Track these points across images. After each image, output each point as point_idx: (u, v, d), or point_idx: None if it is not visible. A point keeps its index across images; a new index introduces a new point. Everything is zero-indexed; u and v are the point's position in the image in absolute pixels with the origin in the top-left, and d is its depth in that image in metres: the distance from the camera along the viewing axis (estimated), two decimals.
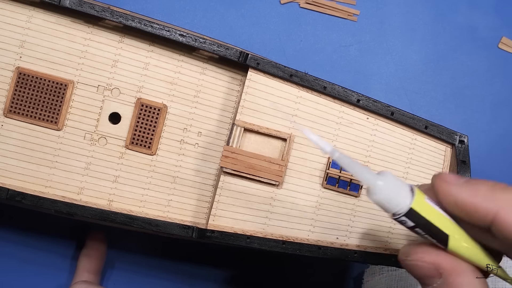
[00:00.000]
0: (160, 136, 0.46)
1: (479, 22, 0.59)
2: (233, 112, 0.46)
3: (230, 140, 0.44)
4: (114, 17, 0.44)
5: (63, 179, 0.45)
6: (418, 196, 0.33)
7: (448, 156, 0.45)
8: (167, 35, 0.44)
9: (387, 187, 0.33)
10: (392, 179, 0.33)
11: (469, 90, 0.58)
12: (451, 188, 0.33)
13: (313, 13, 0.57)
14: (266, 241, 0.43)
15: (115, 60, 0.46)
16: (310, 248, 0.43)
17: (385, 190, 0.33)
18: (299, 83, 0.44)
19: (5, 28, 0.45)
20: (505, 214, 0.31)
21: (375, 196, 0.33)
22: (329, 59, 0.57)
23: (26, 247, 0.55)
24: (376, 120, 0.45)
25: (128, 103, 0.46)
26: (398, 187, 0.33)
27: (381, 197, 0.33)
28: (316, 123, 0.45)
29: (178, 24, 0.53)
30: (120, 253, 0.56)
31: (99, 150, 0.45)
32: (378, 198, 0.33)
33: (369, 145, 0.45)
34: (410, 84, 0.58)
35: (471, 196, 0.32)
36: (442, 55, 0.58)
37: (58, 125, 0.45)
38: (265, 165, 0.44)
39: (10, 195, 0.43)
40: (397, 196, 0.33)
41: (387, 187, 0.33)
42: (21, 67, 0.45)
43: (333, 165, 0.44)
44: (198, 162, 0.46)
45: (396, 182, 0.33)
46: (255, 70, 0.44)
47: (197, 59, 0.46)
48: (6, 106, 0.45)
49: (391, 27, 0.58)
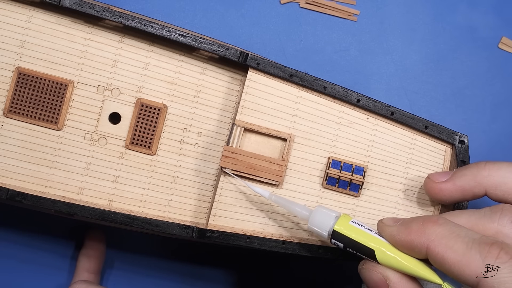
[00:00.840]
0: (160, 136, 0.46)
1: (479, 22, 0.58)
2: (233, 112, 0.46)
3: (230, 140, 0.44)
4: (114, 17, 0.44)
5: (63, 179, 0.45)
6: (342, 220, 0.39)
7: (448, 156, 0.45)
8: (167, 35, 0.44)
9: (316, 216, 0.40)
10: (321, 210, 0.40)
11: (469, 90, 0.58)
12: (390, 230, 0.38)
13: (313, 13, 0.57)
14: (266, 241, 0.43)
15: (115, 60, 0.46)
16: (310, 248, 0.43)
17: (315, 219, 0.40)
18: (299, 83, 0.44)
19: (5, 28, 0.45)
20: (434, 246, 0.35)
21: (308, 225, 0.40)
22: (329, 59, 0.57)
23: (26, 247, 0.55)
24: (376, 120, 0.45)
25: (128, 103, 0.46)
26: (326, 215, 0.40)
27: (312, 224, 0.40)
28: (316, 123, 0.45)
29: (178, 24, 0.53)
30: (120, 253, 0.56)
31: (99, 150, 0.45)
32: (310, 226, 0.40)
33: (369, 145, 0.45)
34: (410, 84, 0.58)
35: (406, 235, 0.37)
36: (442, 55, 0.58)
37: (58, 125, 0.45)
38: (265, 165, 0.44)
39: (10, 195, 0.43)
40: (324, 223, 0.40)
41: (315, 216, 0.40)
42: (21, 67, 0.45)
43: (333, 165, 0.44)
44: (198, 162, 0.46)
45: (324, 212, 0.40)
46: (255, 70, 0.44)
47: (197, 59, 0.46)
48: (6, 106, 0.45)
49: (391, 27, 0.58)
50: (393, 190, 0.45)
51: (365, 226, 0.39)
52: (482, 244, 0.34)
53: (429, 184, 0.43)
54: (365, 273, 0.38)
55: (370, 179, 0.45)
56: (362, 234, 0.39)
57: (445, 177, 0.42)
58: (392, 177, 0.45)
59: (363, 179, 0.44)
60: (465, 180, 0.41)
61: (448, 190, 0.41)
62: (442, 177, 0.42)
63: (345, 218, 0.39)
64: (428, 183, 0.43)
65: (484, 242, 0.34)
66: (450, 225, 0.36)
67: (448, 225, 0.36)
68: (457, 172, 0.42)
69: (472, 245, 0.34)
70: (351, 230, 0.39)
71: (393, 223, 0.38)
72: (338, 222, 0.39)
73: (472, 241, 0.35)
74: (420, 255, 0.36)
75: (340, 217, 0.40)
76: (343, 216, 0.40)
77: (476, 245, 0.34)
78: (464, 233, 0.35)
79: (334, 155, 0.44)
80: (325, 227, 0.40)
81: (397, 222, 0.38)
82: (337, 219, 0.39)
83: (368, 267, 0.38)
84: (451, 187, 0.41)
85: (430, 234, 0.36)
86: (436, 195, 0.42)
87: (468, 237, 0.35)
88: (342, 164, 0.44)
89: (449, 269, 0.35)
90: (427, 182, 0.43)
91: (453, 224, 0.36)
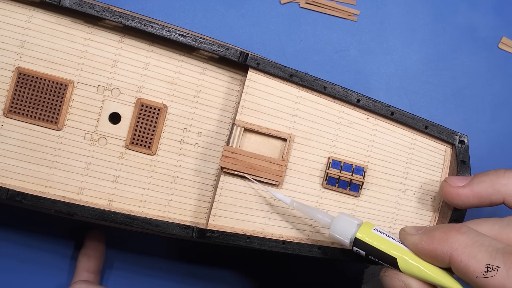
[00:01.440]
0: (160, 136, 0.46)
1: (479, 22, 0.58)
2: (233, 112, 0.46)
3: (230, 140, 0.44)
4: (114, 17, 0.44)
5: (63, 179, 0.45)
6: (364, 227, 0.39)
7: (448, 156, 0.45)
8: (167, 35, 0.44)
9: (338, 224, 0.40)
10: (343, 217, 0.40)
11: (469, 90, 0.58)
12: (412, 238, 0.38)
13: (313, 13, 0.57)
14: (266, 241, 0.43)
15: (115, 60, 0.46)
16: (310, 248, 0.43)
17: (336, 226, 0.40)
18: (299, 83, 0.44)
19: (5, 28, 0.45)
20: (457, 255, 0.35)
21: (330, 232, 0.40)
22: (329, 59, 0.57)
23: (26, 247, 0.55)
24: (376, 120, 0.45)
25: (128, 103, 0.46)
26: (348, 222, 0.40)
27: (334, 232, 0.40)
28: (316, 123, 0.45)
29: (178, 24, 0.53)
30: (120, 253, 0.56)
31: (99, 150, 0.45)
32: (332, 233, 0.40)
33: (369, 145, 0.45)
34: (410, 84, 0.58)
35: (429, 244, 0.37)
36: (442, 55, 0.58)
37: (58, 125, 0.45)
38: (265, 165, 0.44)
39: (10, 195, 0.43)
40: (346, 230, 0.39)
41: (337, 223, 0.40)
42: (21, 67, 0.45)
43: (333, 165, 0.44)
44: (198, 162, 0.46)
45: (346, 220, 0.40)
46: (255, 70, 0.44)
47: (197, 59, 0.46)
48: (6, 106, 0.45)
49: (391, 27, 0.58)
50: (393, 190, 0.45)
51: (387, 234, 0.39)
52: (506, 254, 0.34)
53: (446, 188, 0.42)
54: (387, 281, 0.38)
55: (370, 179, 0.45)
56: (384, 242, 0.38)
57: (463, 181, 0.41)
58: (392, 177, 0.45)
59: (363, 179, 0.44)
60: (483, 187, 0.40)
61: (465, 196, 0.41)
62: (460, 182, 0.41)
63: (367, 226, 0.39)
64: (445, 187, 0.42)
65: (508, 252, 0.34)
66: (473, 233, 0.36)
67: (471, 233, 0.36)
68: (475, 178, 0.41)
69: (496, 254, 0.34)
70: (373, 237, 0.38)
71: (415, 232, 0.38)
72: (360, 229, 0.39)
73: (496, 250, 0.34)
74: (443, 264, 0.36)
75: (362, 224, 0.39)
76: (365, 223, 0.39)
77: (500, 255, 0.34)
78: (488, 242, 0.35)
79: (334, 155, 0.44)
80: (347, 235, 0.39)
81: (419, 230, 0.38)
82: (359, 227, 0.39)
83: (390, 275, 0.38)
84: (469, 193, 0.41)
85: (453, 243, 0.35)
86: (453, 200, 0.41)
87: (492, 246, 0.34)
88: (342, 164, 0.44)
89: (472, 279, 0.34)
90: (444, 186, 0.42)
91: (476, 232, 0.36)
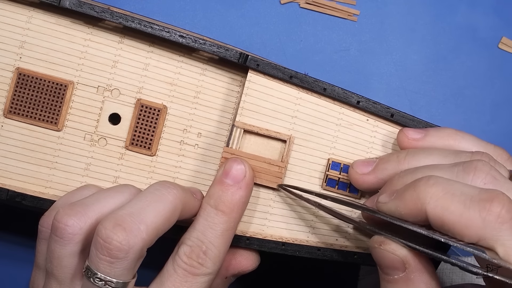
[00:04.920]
0: (160, 137, 0.46)
1: (479, 22, 0.58)
2: (233, 113, 0.46)
3: (230, 141, 0.44)
4: (114, 18, 0.44)
5: (63, 179, 0.45)
6: None
7: None
8: (167, 36, 0.44)
9: None
10: None
11: (469, 90, 0.58)
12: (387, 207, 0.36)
13: (313, 13, 0.57)
14: (265, 242, 0.44)
15: (115, 60, 0.45)
16: (309, 250, 0.44)
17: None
18: (299, 85, 0.44)
19: (5, 28, 0.45)
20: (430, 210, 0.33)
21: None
22: (329, 59, 0.57)
23: (26, 247, 0.55)
24: (376, 121, 0.45)
25: (128, 104, 0.46)
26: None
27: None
28: (316, 125, 0.45)
29: (178, 25, 0.53)
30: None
31: (99, 150, 0.46)
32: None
33: (369, 147, 0.45)
34: (410, 84, 0.58)
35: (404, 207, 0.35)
36: (442, 55, 0.58)
37: (58, 126, 0.45)
38: (265, 167, 0.44)
39: (10, 195, 0.44)
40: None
41: None
42: (21, 67, 0.45)
43: (333, 167, 0.44)
44: (198, 163, 0.46)
45: None
46: (255, 71, 0.44)
47: (197, 60, 0.46)
48: (6, 106, 0.45)
49: (391, 27, 0.58)
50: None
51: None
52: (482, 202, 0.32)
53: (352, 175, 0.42)
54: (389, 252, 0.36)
55: None
56: None
57: (368, 167, 0.41)
58: None
59: None
60: (387, 173, 0.40)
61: (371, 182, 0.41)
62: (365, 168, 0.42)
63: None
64: (351, 174, 0.42)
65: (483, 200, 0.32)
66: (443, 183, 0.34)
67: (440, 184, 0.34)
68: (379, 164, 0.41)
69: (470, 204, 0.32)
70: None
71: (388, 199, 0.36)
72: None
73: (470, 199, 0.32)
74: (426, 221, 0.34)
75: None
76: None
77: (474, 204, 0.32)
78: (459, 190, 0.33)
79: (334, 156, 0.45)
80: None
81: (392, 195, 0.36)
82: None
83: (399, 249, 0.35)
84: (373, 179, 0.41)
85: (425, 198, 0.33)
86: (359, 186, 0.42)
87: (464, 195, 0.33)
88: (341, 166, 0.44)
89: (450, 231, 0.33)
90: (350, 173, 0.42)
91: (445, 181, 0.34)
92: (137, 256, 0.38)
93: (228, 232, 0.40)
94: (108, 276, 0.37)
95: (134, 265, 0.38)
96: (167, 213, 0.39)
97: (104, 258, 0.37)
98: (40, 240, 0.42)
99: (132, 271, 0.38)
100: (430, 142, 0.41)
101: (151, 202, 0.38)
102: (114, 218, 0.37)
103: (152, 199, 0.39)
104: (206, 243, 0.39)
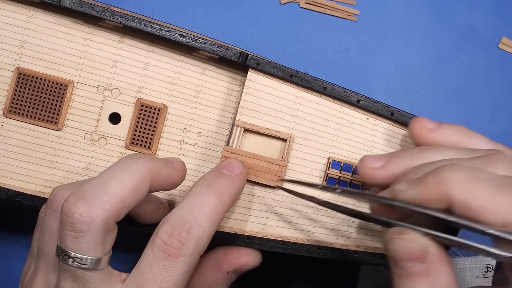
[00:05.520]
0: (160, 136, 0.46)
1: (479, 22, 0.58)
2: (233, 113, 0.46)
3: (230, 140, 0.44)
4: (114, 18, 0.44)
5: (63, 179, 0.45)
6: None
7: None
8: (167, 35, 0.44)
9: None
10: None
11: (469, 90, 0.58)
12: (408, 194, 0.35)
13: (313, 13, 0.57)
14: (266, 241, 0.43)
15: (115, 60, 0.46)
16: (309, 249, 0.44)
17: None
18: (299, 84, 0.44)
19: (5, 28, 0.45)
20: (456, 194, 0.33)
21: None
22: (329, 59, 0.57)
23: (26, 247, 0.55)
24: (376, 120, 0.45)
25: (128, 103, 0.46)
26: None
27: None
28: (316, 124, 0.45)
29: (178, 24, 0.53)
30: (120, 253, 0.56)
31: (99, 150, 0.46)
32: None
33: (369, 146, 0.45)
34: (410, 84, 0.58)
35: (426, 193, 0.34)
36: (442, 55, 0.58)
37: (58, 125, 0.45)
38: (265, 166, 0.44)
39: (10, 195, 0.43)
40: None
41: None
42: (21, 67, 0.45)
43: (333, 166, 0.44)
44: (198, 163, 0.46)
45: None
46: (255, 70, 0.44)
47: (197, 59, 0.46)
48: (6, 106, 0.45)
49: (391, 27, 0.58)
50: None
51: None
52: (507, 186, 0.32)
53: (362, 169, 0.40)
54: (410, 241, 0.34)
55: None
56: None
57: (380, 162, 0.40)
58: None
59: None
60: (399, 168, 0.39)
61: (382, 177, 0.39)
62: (376, 163, 0.40)
63: None
64: (361, 168, 0.40)
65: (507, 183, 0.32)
66: (468, 168, 0.33)
67: (465, 168, 0.33)
68: (391, 159, 0.39)
69: (497, 188, 0.32)
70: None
71: (408, 186, 0.35)
72: None
73: (497, 183, 0.32)
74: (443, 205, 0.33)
75: None
76: None
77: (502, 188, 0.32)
78: (485, 176, 0.33)
79: (334, 155, 0.44)
80: None
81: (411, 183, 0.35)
82: None
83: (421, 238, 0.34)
84: (385, 174, 0.39)
85: (449, 182, 0.33)
86: (370, 181, 0.40)
87: (490, 179, 0.33)
88: (342, 165, 0.44)
89: (475, 216, 0.32)
90: (360, 167, 0.40)
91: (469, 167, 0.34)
92: (101, 228, 0.36)
93: (216, 215, 0.38)
94: (74, 252, 0.36)
95: (102, 239, 0.36)
96: (133, 183, 0.37)
97: (69, 234, 0.35)
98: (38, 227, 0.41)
99: (101, 246, 0.37)
100: (444, 134, 0.40)
101: (116, 173, 0.37)
102: (77, 192, 0.36)
103: (117, 171, 0.37)
104: (190, 221, 0.37)
